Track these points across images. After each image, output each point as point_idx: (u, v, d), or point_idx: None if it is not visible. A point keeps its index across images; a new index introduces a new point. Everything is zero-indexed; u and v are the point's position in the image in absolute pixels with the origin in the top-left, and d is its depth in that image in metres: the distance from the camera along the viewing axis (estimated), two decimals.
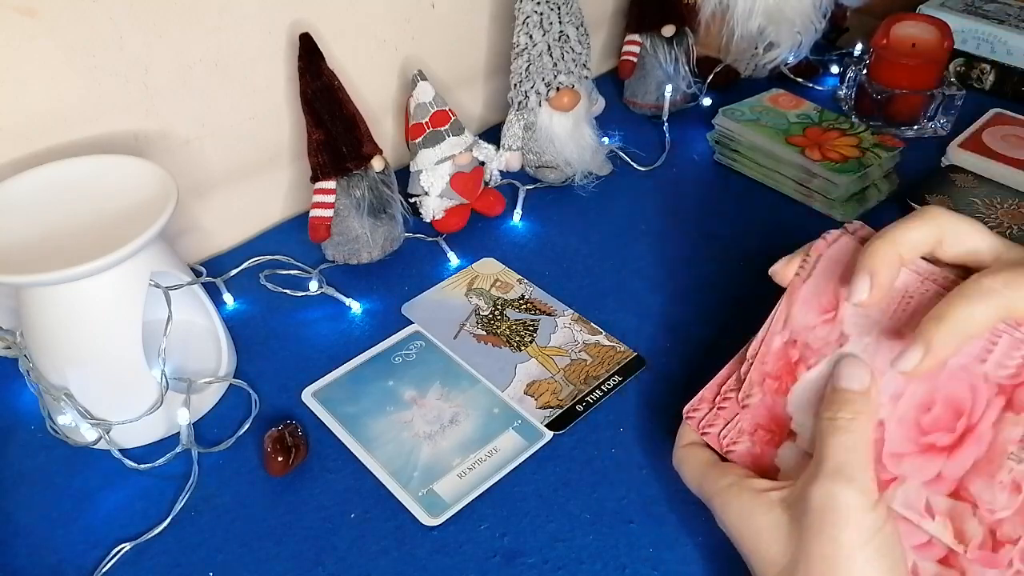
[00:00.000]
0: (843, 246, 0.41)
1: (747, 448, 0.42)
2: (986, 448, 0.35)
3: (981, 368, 0.35)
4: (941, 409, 0.36)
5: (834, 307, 0.40)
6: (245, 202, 0.69)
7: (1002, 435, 0.35)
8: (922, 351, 0.34)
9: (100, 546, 0.46)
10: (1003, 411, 0.35)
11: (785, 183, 0.72)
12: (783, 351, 0.41)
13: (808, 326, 0.40)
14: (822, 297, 0.40)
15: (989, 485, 0.35)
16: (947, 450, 0.36)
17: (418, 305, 0.62)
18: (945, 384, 0.36)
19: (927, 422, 0.36)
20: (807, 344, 0.40)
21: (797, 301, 0.41)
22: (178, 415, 0.49)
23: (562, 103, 0.70)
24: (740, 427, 0.43)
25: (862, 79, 0.80)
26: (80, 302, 0.47)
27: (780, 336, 0.41)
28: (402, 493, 0.48)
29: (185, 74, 0.60)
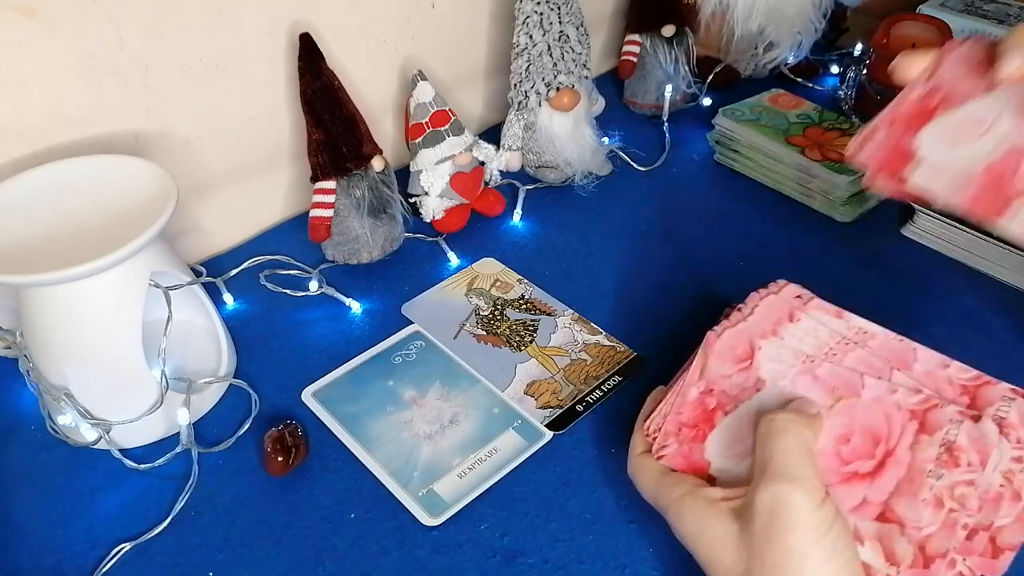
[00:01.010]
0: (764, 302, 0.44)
1: (676, 449, 0.43)
2: (906, 469, 0.37)
3: (893, 398, 0.38)
4: (859, 439, 0.39)
5: (749, 356, 0.42)
6: (245, 202, 0.69)
7: (919, 456, 0.37)
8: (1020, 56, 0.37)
9: (100, 546, 0.46)
10: (917, 434, 0.38)
11: (785, 183, 0.72)
12: (699, 401, 0.43)
13: (725, 375, 0.42)
14: (737, 348, 0.42)
15: (913, 504, 0.37)
16: (869, 476, 0.38)
17: (418, 305, 0.62)
18: (861, 416, 0.39)
19: (847, 452, 0.39)
20: (724, 391, 0.42)
21: (713, 354, 0.43)
22: (178, 415, 0.49)
23: (562, 103, 0.70)
24: (665, 430, 0.44)
25: (862, 79, 0.80)
26: (80, 302, 0.47)
27: (696, 387, 0.43)
28: (402, 493, 0.48)
29: (185, 74, 0.60)
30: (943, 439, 0.37)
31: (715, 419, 0.43)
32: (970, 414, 0.37)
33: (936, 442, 0.37)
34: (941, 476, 0.37)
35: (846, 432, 0.39)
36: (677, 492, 0.41)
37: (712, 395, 0.43)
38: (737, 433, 0.42)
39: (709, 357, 0.43)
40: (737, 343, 0.42)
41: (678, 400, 0.44)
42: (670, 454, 0.44)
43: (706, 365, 0.43)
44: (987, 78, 0.41)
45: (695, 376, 0.43)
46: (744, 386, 0.42)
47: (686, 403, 0.43)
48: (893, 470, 0.38)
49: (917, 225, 0.66)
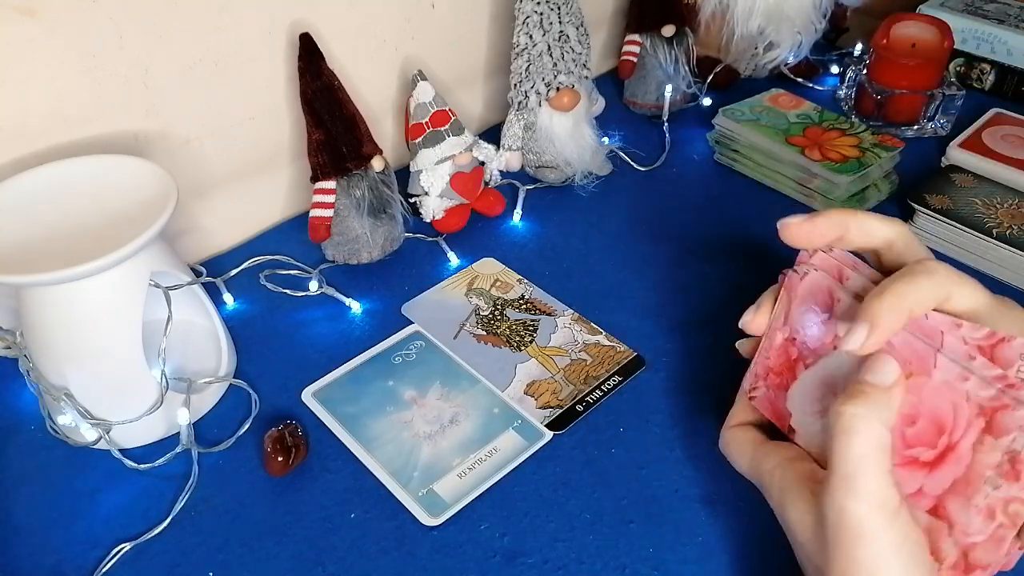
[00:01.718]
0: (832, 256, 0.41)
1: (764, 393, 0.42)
2: (964, 469, 0.34)
3: (963, 386, 0.34)
4: (925, 423, 0.35)
5: (830, 307, 0.39)
6: (245, 202, 0.69)
7: (980, 458, 0.34)
8: (867, 327, 0.34)
9: (100, 546, 0.46)
10: (983, 433, 0.34)
11: (785, 183, 0.72)
12: (783, 348, 0.41)
13: (805, 325, 0.40)
14: (818, 296, 0.40)
15: (965, 507, 0.34)
16: (928, 465, 0.35)
17: (418, 305, 0.62)
18: (929, 398, 0.35)
19: (911, 435, 0.36)
20: (805, 343, 0.40)
21: (796, 298, 0.41)
22: (178, 415, 0.49)
23: (562, 103, 0.70)
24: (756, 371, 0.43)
25: (862, 79, 0.80)
26: (80, 302, 0.47)
27: (781, 332, 0.41)
28: (402, 493, 0.48)
29: (185, 74, 0.60)
30: (1009, 447, 0.33)
31: (797, 370, 0.41)
32: None
33: (1001, 448, 0.33)
34: (999, 486, 0.33)
35: (913, 412, 0.36)
36: (768, 464, 0.39)
37: (795, 344, 0.41)
38: (815, 390, 0.39)
39: (792, 302, 0.41)
40: (818, 291, 0.40)
41: (765, 342, 0.42)
42: (759, 397, 0.42)
43: (789, 311, 0.41)
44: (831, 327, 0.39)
45: (780, 320, 0.41)
46: (823, 339, 0.39)
47: (772, 347, 0.42)
48: (952, 466, 0.34)
49: (917, 225, 0.66)
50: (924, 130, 0.79)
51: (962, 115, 0.78)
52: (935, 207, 0.66)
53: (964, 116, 0.78)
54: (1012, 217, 0.65)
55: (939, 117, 0.79)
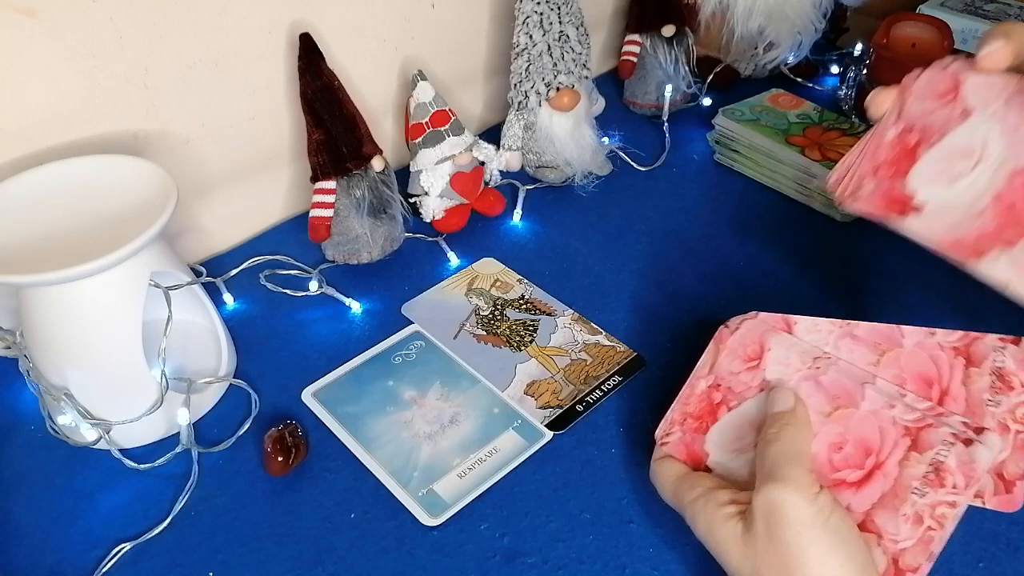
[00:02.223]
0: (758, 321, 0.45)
1: (679, 438, 0.45)
2: (892, 483, 0.38)
3: (890, 412, 0.40)
4: (852, 448, 0.40)
5: (759, 356, 0.43)
6: (245, 202, 0.69)
7: (907, 472, 0.38)
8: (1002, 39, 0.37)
9: (100, 546, 0.46)
10: (908, 450, 0.39)
11: (785, 183, 0.72)
12: (706, 394, 0.45)
13: (733, 372, 0.44)
14: (748, 347, 0.44)
15: (893, 517, 0.38)
16: (855, 485, 0.39)
17: (418, 305, 0.62)
18: (856, 426, 0.40)
19: (838, 460, 0.40)
20: (730, 388, 0.44)
21: (725, 350, 0.44)
22: (178, 415, 0.49)
23: (562, 103, 0.70)
24: (672, 419, 0.45)
25: (862, 79, 0.80)
26: (80, 302, 0.47)
27: (705, 380, 0.45)
28: (402, 493, 0.48)
29: (185, 74, 0.60)
30: (933, 459, 0.38)
31: (719, 413, 0.44)
32: (963, 437, 0.38)
33: (926, 460, 0.38)
34: (925, 494, 0.37)
35: (840, 440, 0.40)
36: (692, 495, 0.42)
37: (719, 390, 0.44)
38: (738, 429, 0.43)
39: (720, 353, 0.44)
40: (749, 342, 0.44)
41: (686, 391, 0.45)
42: (673, 442, 0.45)
43: (716, 361, 0.44)
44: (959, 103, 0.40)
45: (705, 369, 0.45)
46: (749, 384, 0.43)
47: (694, 395, 0.45)
48: (880, 482, 0.38)
49: None
50: None
51: None
52: None
53: None
54: None
55: None
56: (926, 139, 0.41)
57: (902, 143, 0.42)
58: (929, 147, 0.41)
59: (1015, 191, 0.38)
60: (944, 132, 0.40)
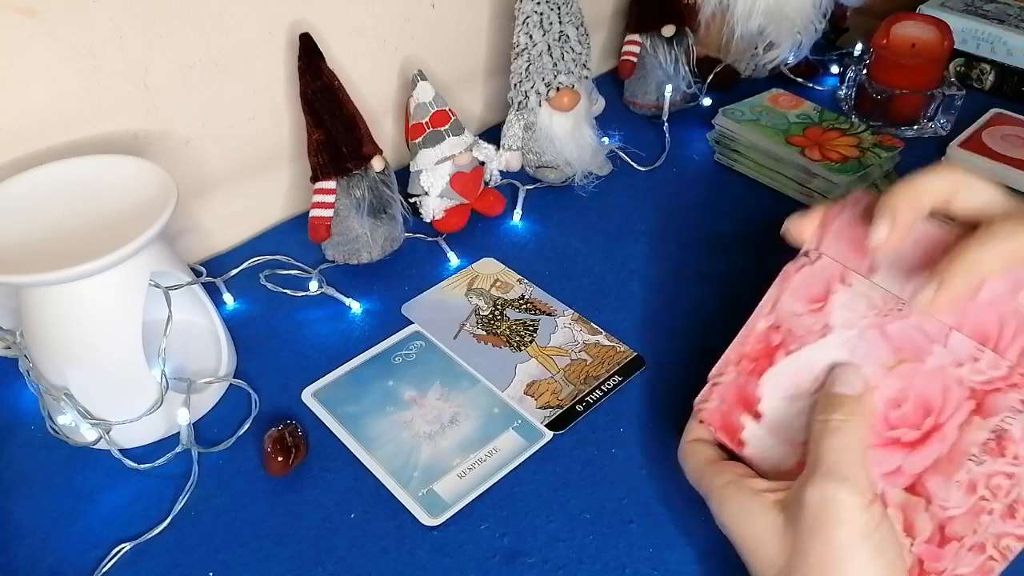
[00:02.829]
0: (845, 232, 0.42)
1: (715, 406, 0.43)
2: (948, 448, 0.36)
3: (957, 372, 0.37)
4: (911, 407, 0.38)
5: (824, 298, 0.41)
6: (245, 202, 0.69)
7: (966, 437, 0.36)
8: (936, 285, 0.35)
9: (100, 546, 0.46)
10: (971, 414, 0.36)
11: (785, 183, 0.72)
12: (765, 335, 0.42)
13: (795, 313, 0.42)
14: (813, 288, 0.41)
15: (946, 483, 0.36)
16: (910, 445, 0.37)
17: (418, 305, 0.62)
18: (919, 383, 0.38)
19: (895, 417, 0.38)
20: (790, 330, 0.42)
21: (789, 288, 0.42)
22: (178, 415, 0.49)
23: (562, 103, 0.70)
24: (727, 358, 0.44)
25: (862, 79, 0.80)
26: (80, 302, 0.47)
27: (765, 320, 0.43)
28: (402, 493, 0.48)
29: (185, 74, 0.60)
30: (996, 425, 0.36)
31: (776, 356, 0.42)
32: None
33: (988, 427, 0.36)
34: (983, 462, 0.36)
35: (899, 396, 0.38)
36: (721, 480, 0.40)
37: (778, 331, 0.42)
38: (795, 376, 0.41)
39: (784, 292, 0.42)
40: (814, 283, 0.41)
41: (744, 331, 0.43)
42: (725, 382, 0.43)
43: (779, 299, 0.42)
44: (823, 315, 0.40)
45: (766, 308, 0.43)
46: (811, 329, 0.41)
47: (752, 334, 0.43)
48: (936, 445, 0.37)
49: None
50: (924, 130, 0.79)
51: (962, 115, 0.78)
52: None
53: (964, 116, 0.78)
54: None
55: (939, 117, 0.79)
56: (786, 344, 0.41)
57: (767, 339, 0.42)
58: (786, 354, 0.41)
59: None
60: (803, 343, 0.41)
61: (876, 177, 0.70)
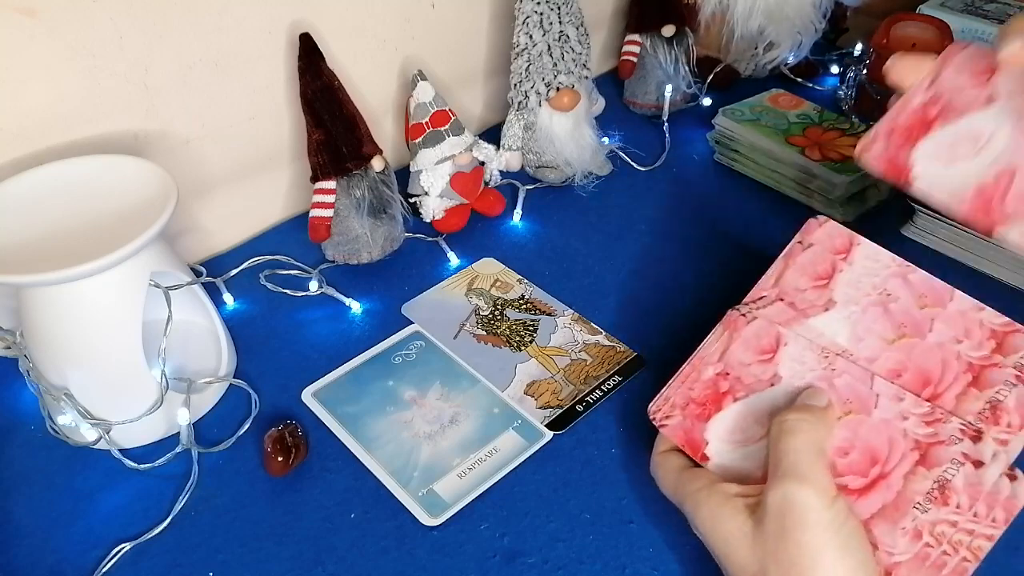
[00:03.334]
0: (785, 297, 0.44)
1: (679, 421, 0.44)
2: (894, 496, 0.38)
3: (902, 424, 0.39)
4: (858, 455, 0.39)
5: (773, 350, 0.42)
6: (245, 202, 0.69)
7: (911, 486, 0.38)
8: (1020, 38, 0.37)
9: (100, 546, 0.46)
10: (916, 465, 0.38)
11: (785, 183, 0.72)
12: (713, 381, 0.44)
13: (744, 363, 0.43)
14: (763, 339, 0.43)
15: (892, 530, 0.37)
16: (857, 492, 0.39)
17: (418, 305, 0.62)
18: (865, 433, 0.39)
19: (842, 465, 0.39)
20: (739, 378, 0.43)
21: (738, 338, 0.43)
22: (178, 415, 0.49)
23: (562, 103, 0.70)
24: (673, 401, 0.45)
25: (862, 79, 0.80)
26: (80, 302, 0.47)
27: (713, 368, 0.44)
28: (402, 493, 0.48)
29: (185, 74, 0.60)
30: (940, 476, 0.38)
31: (723, 402, 0.43)
32: (973, 459, 0.38)
33: (932, 477, 0.38)
34: (927, 511, 0.37)
35: (846, 446, 0.39)
36: (694, 486, 0.41)
37: (727, 379, 0.43)
38: (742, 421, 0.42)
39: (733, 341, 0.43)
40: (764, 334, 0.43)
41: (692, 375, 0.44)
42: (672, 425, 0.44)
43: (729, 348, 0.43)
44: (989, 87, 0.40)
45: (715, 356, 0.44)
46: (760, 377, 0.42)
47: (699, 380, 0.44)
48: (882, 493, 0.38)
49: (917, 225, 0.66)
50: None
51: None
52: None
53: None
54: None
55: None
56: (944, 115, 0.41)
57: (923, 112, 0.42)
58: (945, 124, 0.41)
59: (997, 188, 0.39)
60: (963, 113, 0.41)
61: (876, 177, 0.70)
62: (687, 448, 0.43)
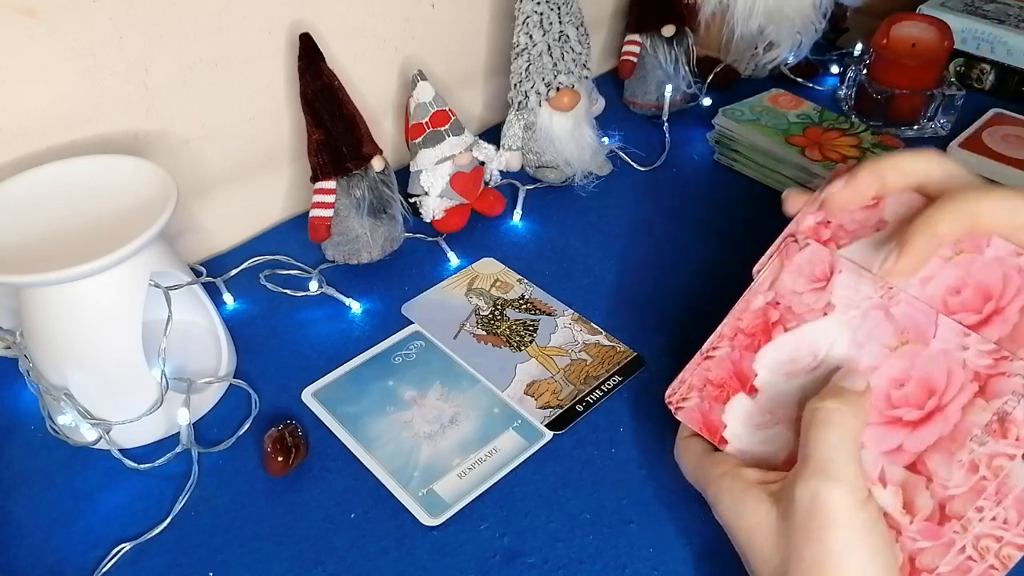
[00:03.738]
0: None
1: (695, 404, 0.43)
2: (951, 428, 0.36)
3: (961, 354, 0.37)
4: (914, 386, 0.38)
5: (827, 278, 0.41)
6: (245, 202, 0.69)
7: (969, 418, 0.36)
8: (896, 249, 0.36)
9: (100, 546, 0.46)
10: (975, 396, 0.36)
11: (785, 183, 0.72)
12: (763, 310, 0.42)
13: (796, 291, 0.41)
14: (816, 267, 0.41)
15: (948, 462, 0.36)
16: (912, 424, 0.37)
17: (418, 305, 0.62)
18: (923, 364, 0.38)
19: (897, 396, 0.38)
20: (790, 307, 0.41)
21: (790, 266, 0.42)
22: (178, 415, 0.49)
23: (562, 103, 0.70)
24: (690, 383, 0.44)
25: (862, 79, 0.80)
26: (80, 302, 0.47)
27: (764, 296, 0.42)
28: (402, 493, 0.48)
29: (185, 74, 0.60)
30: (999, 408, 0.36)
31: (774, 332, 0.41)
32: None
33: (991, 409, 0.36)
34: (985, 443, 0.36)
35: (903, 376, 0.38)
36: (716, 472, 0.40)
37: (777, 308, 0.42)
38: (794, 352, 0.41)
39: (785, 268, 0.42)
40: (817, 261, 0.41)
41: (740, 305, 0.43)
42: (689, 407, 0.43)
43: (779, 276, 0.42)
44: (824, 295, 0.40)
45: (765, 284, 0.42)
46: (812, 307, 0.41)
47: (749, 310, 0.42)
48: (939, 425, 0.37)
49: None
50: (924, 130, 0.79)
51: (962, 115, 0.78)
52: None
53: (964, 116, 0.78)
54: None
55: (939, 117, 0.79)
56: (784, 321, 0.41)
57: (765, 315, 0.42)
58: (785, 331, 0.41)
59: None
60: (803, 320, 0.41)
61: None
62: (705, 431, 0.42)
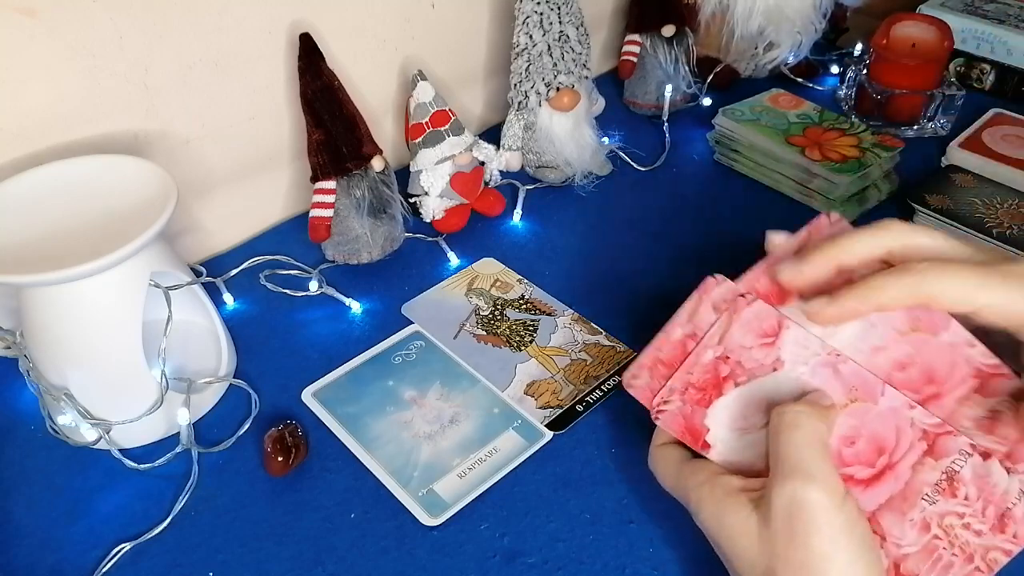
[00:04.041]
0: None
1: (677, 407, 0.43)
2: (902, 486, 0.37)
3: (909, 413, 0.38)
4: (865, 444, 0.38)
5: (775, 333, 0.41)
6: (245, 202, 0.69)
7: (919, 477, 0.37)
8: (827, 300, 0.36)
9: (100, 546, 0.46)
10: (924, 455, 0.37)
11: (785, 183, 0.72)
12: (713, 365, 0.42)
13: (745, 346, 0.41)
14: (764, 322, 0.41)
15: (900, 521, 0.37)
16: (864, 483, 0.38)
17: (418, 305, 0.62)
18: (872, 422, 0.38)
19: (849, 454, 0.38)
20: (739, 363, 0.41)
21: (739, 321, 0.42)
22: (178, 415, 0.49)
23: (562, 103, 0.70)
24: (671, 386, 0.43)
25: (862, 79, 0.80)
26: (80, 302, 0.47)
27: (713, 351, 0.42)
28: (402, 493, 0.48)
29: (185, 74, 0.60)
30: (948, 467, 0.37)
31: (724, 387, 0.41)
32: (981, 450, 0.37)
33: (940, 468, 0.37)
34: (935, 502, 0.37)
35: (853, 434, 0.38)
36: (696, 480, 0.40)
37: (727, 363, 0.41)
38: (744, 408, 0.41)
39: (734, 324, 0.42)
40: (765, 317, 0.41)
41: (690, 360, 0.43)
42: (670, 411, 0.43)
43: (728, 331, 0.42)
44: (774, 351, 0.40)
45: (714, 339, 0.42)
46: (762, 362, 0.41)
47: (698, 364, 0.42)
48: (890, 483, 0.37)
49: None
50: (924, 130, 0.79)
51: (962, 115, 0.78)
52: (935, 207, 0.66)
53: (964, 116, 0.78)
54: (1012, 217, 0.65)
55: (939, 117, 0.79)
56: (734, 376, 0.41)
57: (715, 370, 0.42)
58: (735, 386, 0.41)
59: None
60: (753, 376, 0.40)
61: (876, 177, 0.70)
62: (687, 436, 0.42)
